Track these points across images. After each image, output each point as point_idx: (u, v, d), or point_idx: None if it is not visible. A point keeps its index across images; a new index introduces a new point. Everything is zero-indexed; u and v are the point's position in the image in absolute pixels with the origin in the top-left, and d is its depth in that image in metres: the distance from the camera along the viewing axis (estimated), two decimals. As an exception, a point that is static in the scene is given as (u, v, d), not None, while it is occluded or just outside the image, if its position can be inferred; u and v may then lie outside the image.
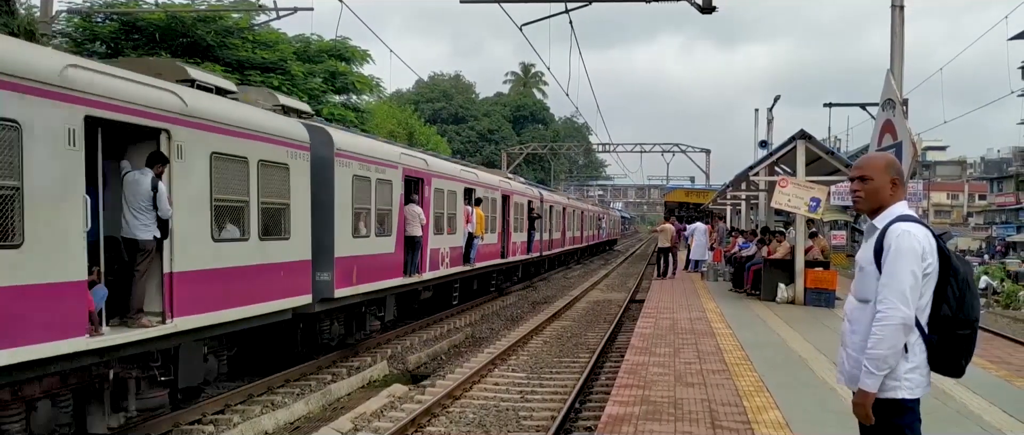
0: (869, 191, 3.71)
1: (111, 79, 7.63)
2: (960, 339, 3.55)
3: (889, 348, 3.45)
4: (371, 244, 13.65)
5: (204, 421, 9.35)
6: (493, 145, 77.70)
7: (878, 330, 3.47)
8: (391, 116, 46.73)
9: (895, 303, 3.43)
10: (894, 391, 3.56)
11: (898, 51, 12.81)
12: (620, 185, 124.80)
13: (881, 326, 3.46)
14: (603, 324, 18.03)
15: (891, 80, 12.37)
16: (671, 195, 54.55)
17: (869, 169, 3.74)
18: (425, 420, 9.50)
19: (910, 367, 3.55)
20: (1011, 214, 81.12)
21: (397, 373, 12.88)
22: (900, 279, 3.44)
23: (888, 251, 3.51)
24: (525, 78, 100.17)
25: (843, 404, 7.67)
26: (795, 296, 16.31)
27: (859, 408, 3.58)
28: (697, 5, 13.95)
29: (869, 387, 3.50)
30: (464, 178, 19.95)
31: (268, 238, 10.32)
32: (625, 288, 27.23)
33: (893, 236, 3.51)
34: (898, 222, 3.55)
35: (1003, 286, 30.79)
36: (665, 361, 9.98)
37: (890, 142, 11.91)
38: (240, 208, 9.75)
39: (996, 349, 11.41)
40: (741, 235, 22.85)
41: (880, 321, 3.46)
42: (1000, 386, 8.59)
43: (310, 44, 27.38)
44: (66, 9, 21.86)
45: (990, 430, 6.82)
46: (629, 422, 7.04)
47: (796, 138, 16.53)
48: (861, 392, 3.55)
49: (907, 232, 3.48)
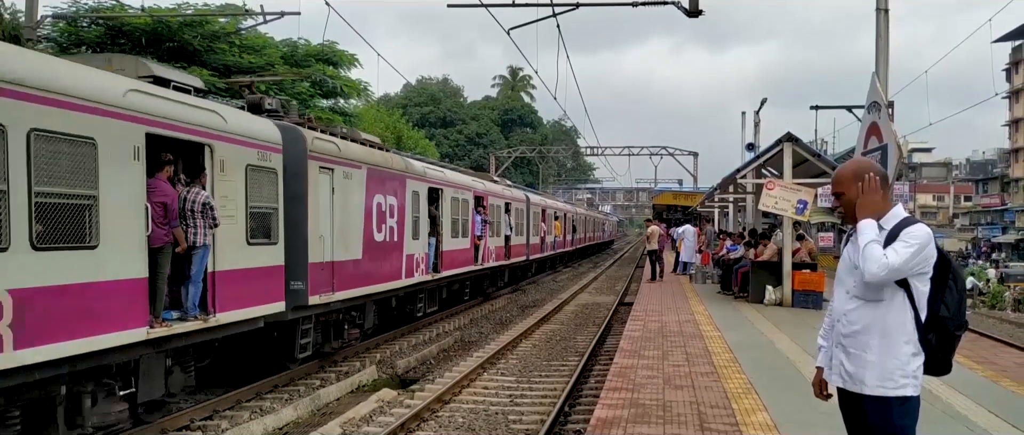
0: (846, 204, 3.83)
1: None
2: (955, 339, 3.68)
3: (866, 257, 3.58)
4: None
5: (192, 427, 9.29)
6: (482, 149, 77.74)
7: (870, 256, 3.57)
8: (379, 120, 46.67)
9: (899, 260, 3.53)
10: (904, 388, 3.63)
11: (883, 54, 12.90)
12: (609, 188, 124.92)
13: (874, 259, 3.56)
14: (592, 327, 18.05)
15: (876, 83, 12.44)
16: (659, 198, 54.83)
17: (841, 184, 3.85)
18: (414, 425, 9.48)
19: (919, 364, 3.66)
20: (996, 215, 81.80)
21: (386, 378, 12.84)
22: (907, 258, 3.54)
23: (906, 237, 3.59)
24: (513, 82, 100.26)
25: (831, 405, 7.70)
26: (783, 298, 16.38)
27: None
28: (683, 8, 14.01)
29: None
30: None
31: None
32: (614, 291, 27.26)
33: (917, 232, 3.60)
34: (917, 223, 3.66)
35: (989, 287, 31.03)
36: (654, 364, 10.00)
37: (876, 144, 11.97)
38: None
39: (982, 350, 11.49)
40: (729, 238, 22.94)
41: (876, 257, 3.56)
42: (986, 386, 8.64)
43: (297, 48, 27.30)
44: (52, 14, 21.70)
45: (977, 430, 6.87)
46: (618, 425, 7.05)
47: (783, 141, 16.62)
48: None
49: (928, 234, 3.61)
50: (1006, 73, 74.79)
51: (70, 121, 7.11)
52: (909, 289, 3.63)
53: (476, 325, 19.00)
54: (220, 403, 10.16)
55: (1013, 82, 73.54)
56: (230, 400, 10.38)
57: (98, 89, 7.56)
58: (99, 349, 7.41)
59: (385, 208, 14.70)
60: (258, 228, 10.46)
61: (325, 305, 12.27)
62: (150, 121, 8.20)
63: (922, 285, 3.63)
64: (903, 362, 3.62)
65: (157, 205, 8.36)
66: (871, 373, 3.68)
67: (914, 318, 3.63)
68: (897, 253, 3.55)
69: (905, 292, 3.63)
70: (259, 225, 10.47)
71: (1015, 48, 71.89)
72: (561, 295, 25.64)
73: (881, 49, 12.89)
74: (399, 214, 15.49)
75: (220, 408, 10.08)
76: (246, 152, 10.10)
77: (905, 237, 3.60)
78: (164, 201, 8.47)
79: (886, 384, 3.64)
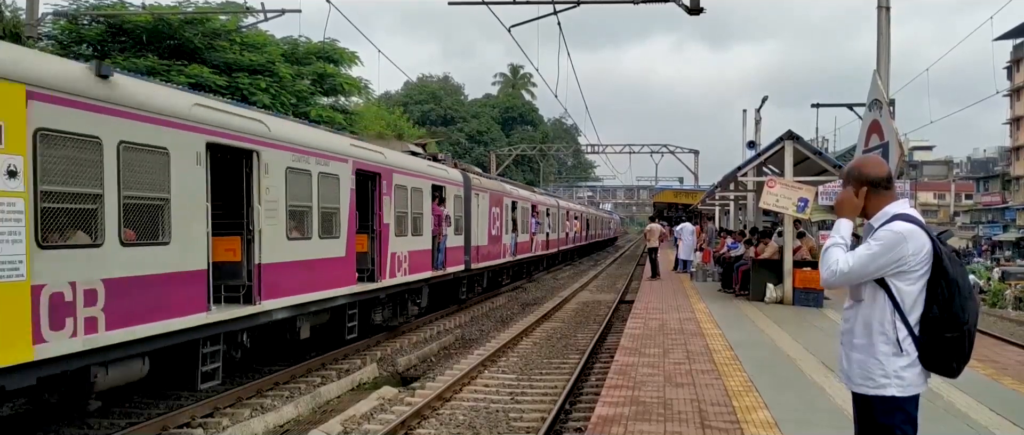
0: (838, 204, 3.86)
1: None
2: (947, 342, 3.56)
3: (822, 261, 3.76)
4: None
5: (193, 424, 9.30)
6: (482, 147, 77.70)
7: (824, 261, 3.72)
8: (380, 118, 46.63)
9: (849, 266, 3.62)
10: (884, 388, 3.61)
11: (884, 52, 12.89)
12: (609, 186, 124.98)
13: (826, 264, 3.70)
14: (593, 325, 18.05)
15: (877, 81, 12.42)
16: (660, 196, 54.78)
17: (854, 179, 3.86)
18: (415, 422, 9.48)
19: (902, 364, 3.60)
20: (997, 213, 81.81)
21: (387, 375, 12.85)
22: (864, 262, 3.60)
23: (873, 237, 3.63)
24: (514, 80, 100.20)
25: (832, 403, 7.73)
26: (783, 296, 16.38)
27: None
28: (684, 6, 14.00)
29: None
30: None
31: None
32: (614, 289, 27.26)
33: (884, 232, 3.60)
34: (896, 221, 3.62)
35: (990, 285, 31.02)
36: (654, 362, 10.00)
37: (877, 142, 11.95)
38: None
39: (983, 348, 11.49)
40: (730, 235, 22.92)
41: (829, 262, 3.69)
42: (987, 385, 8.65)
43: (298, 46, 27.29)
44: (52, 12, 21.70)
45: (977, 428, 6.87)
46: (619, 422, 7.05)
47: (784, 139, 16.60)
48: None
49: (898, 233, 3.56)
50: (1007, 71, 74.76)
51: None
52: (888, 288, 3.60)
53: (477, 322, 19.00)
54: (221, 400, 10.17)
55: (1014, 80, 73.52)
56: (231, 397, 10.40)
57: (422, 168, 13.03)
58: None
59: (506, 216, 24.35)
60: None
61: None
62: (433, 179, 15.08)
63: (905, 285, 3.58)
64: (882, 362, 3.61)
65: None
66: (855, 371, 3.72)
67: (895, 318, 3.59)
68: (854, 257, 3.61)
69: (884, 291, 3.61)
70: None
71: (1016, 46, 71.87)
72: (562, 293, 25.64)
73: (882, 47, 12.89)
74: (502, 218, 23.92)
75: (221, 405, 10.09)
76: (456, 189, 19.23)
77: (871, 237, 3.62)
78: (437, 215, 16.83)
79: (867, 383, 3.66)
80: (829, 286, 3.67)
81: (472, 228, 20.51)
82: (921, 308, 3.59)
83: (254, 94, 22.72)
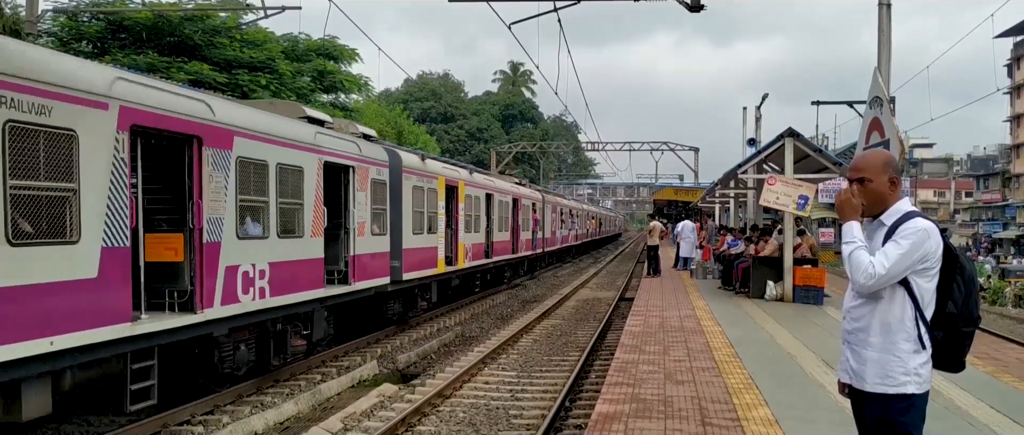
0: (868, 193, 3.70)
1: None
2: (964, 336, 3.62)
3: (852, 267, 3.62)
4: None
5: (193, 421, 9.30)
6: (482, 144, 77.69)
7: (856, 267, 3.58)
8: (380, 115, 46.60)
9: (886, 268, 3.52)
10: (904, 386, 3.59)
11: (885, 49, 12.87)
12: (609, 184, 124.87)
13: (861, 269, 3.57)
14: (593, 322, 18.05)
15: (878, 78, 12.41)
16: (660, 193, 54.75)
17: (869, 170, 3.72)
18: (415, 419, 9.48)
19: (921, 361, 3.59)
20: (997, 211, 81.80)
21: (387, 373, 12.85)
22: (897, 261, 3.51)
23: (898, 236, 3.55)
24: (514, 77, 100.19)
25: (832, 400, 7.72)
26: (784, 293, 16.37)
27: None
28: (685, 3, 13.97)
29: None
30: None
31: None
32: (614, 287, 27.26)
33: (911, 229, 3.55)
34: (915, 218, 3.59)
35: (990, 282, 31.02)
36: (655, 359, 10.00)
37: (877, 139, 11.95)
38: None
39: (983, 345, 11.48)
40: (730, 233, 22.92)
41: (862, 267, 3.56)
42: (987, 382, 8.66)
43: (298, 43, 27.26)
44: (52, 8, 21.69)
45: (978, 425, 6.87)
46: (619, 420, 7.05)
47: (784, 136, 16.59)
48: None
49: (924, 230, 3.53)
50: (1007, 68, 74.73)
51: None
52: (909, 286, 3.58)
53: (477, 320, 19.00)
54: (221, 398, 10.17)
55: (1015, 78, 73.48)
56: (231, 394, 10.40)
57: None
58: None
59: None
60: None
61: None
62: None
63: (925, 282, 3.57)
64: (903, 359, 3.58)
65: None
66: (871, 370, 3.66)
67: (916, 315, 3.58)
68: (887, 257, 3.52)
69: (905, 289, 3.59)
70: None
71: (1017, 43, 71.84)
72: (562, 290, 25.65)
73: (883, 44, 12.87)
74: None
75: (221, 403, 10.08)
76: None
77: (897, 236, 3.55)
78: (535, 220, 23.92)
79: (886, 382, 3.61)
80: (867, 290, 3.55)
81: (546, 226, 33.93)
82: (934, 305, 3.60)
83: (254, 91, 22.71)
